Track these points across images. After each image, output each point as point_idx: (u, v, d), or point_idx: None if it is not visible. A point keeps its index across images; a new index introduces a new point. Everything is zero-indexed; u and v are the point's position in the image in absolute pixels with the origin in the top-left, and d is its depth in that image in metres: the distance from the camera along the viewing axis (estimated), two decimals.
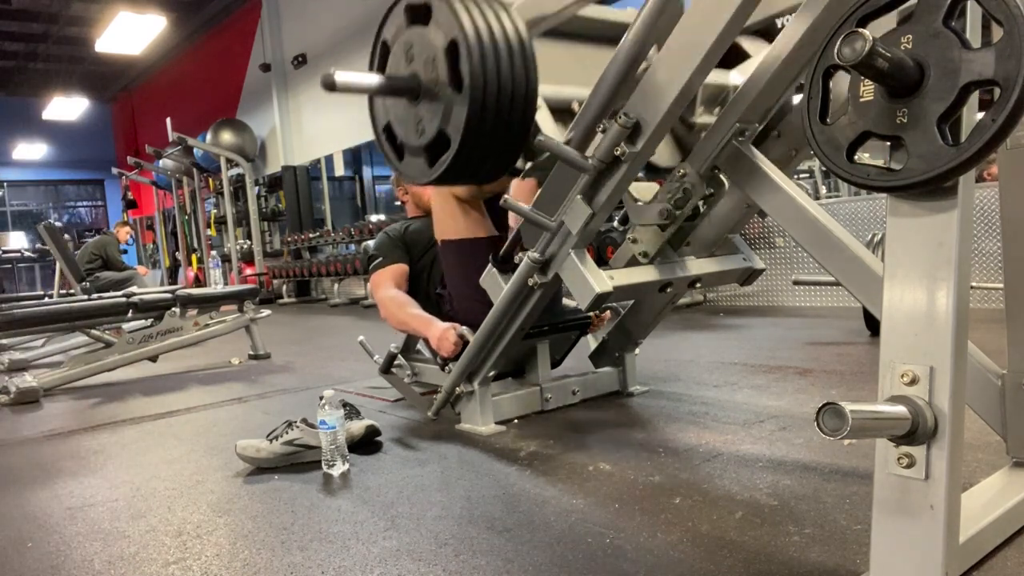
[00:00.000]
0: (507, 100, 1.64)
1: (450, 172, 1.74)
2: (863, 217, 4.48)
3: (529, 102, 1.70)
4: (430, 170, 1.79)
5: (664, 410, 2.29)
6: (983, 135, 0.95)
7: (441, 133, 1.71)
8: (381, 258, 2.54)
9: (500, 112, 1.65)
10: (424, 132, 1.76)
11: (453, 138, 1.69)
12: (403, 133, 1.86)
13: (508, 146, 1.74)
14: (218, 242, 11.21)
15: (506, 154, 1.76)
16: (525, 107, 1.70)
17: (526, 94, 1.67)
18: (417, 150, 1.82)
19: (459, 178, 1.88)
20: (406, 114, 1.82)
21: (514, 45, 1.65)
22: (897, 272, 1.06)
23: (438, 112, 1.70)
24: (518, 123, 1.70)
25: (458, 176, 1.82)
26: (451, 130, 1.69)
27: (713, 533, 1.34)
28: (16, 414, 3.10)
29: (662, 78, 1.54)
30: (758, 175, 1.62)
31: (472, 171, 1.79)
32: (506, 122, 1.68)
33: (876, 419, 0.96)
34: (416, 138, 1.79)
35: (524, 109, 1.70)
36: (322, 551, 1.39)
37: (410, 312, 2.37)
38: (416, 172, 1.85)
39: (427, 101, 1.73)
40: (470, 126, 1.64)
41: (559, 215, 1.77)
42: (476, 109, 1.62)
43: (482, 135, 1.66)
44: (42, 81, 14.45)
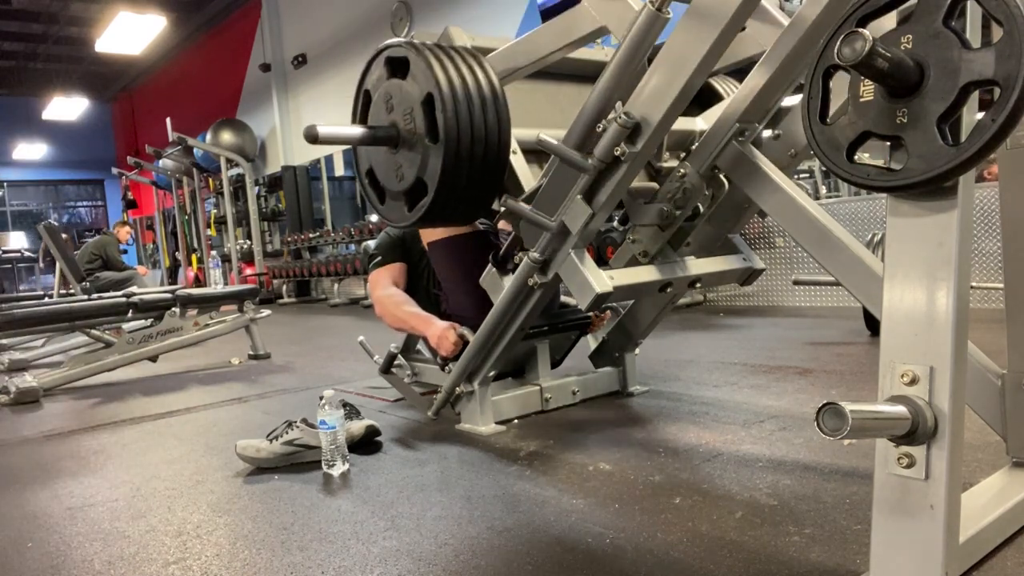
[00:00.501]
0: (481, 149, 1.75)
1: (428, 216, 1.84)
2: (863, 217, 4.48)
3: (502, 149, 1.80)
4: (409, 214, 1.89)
5: (664, 410, 2.29)
6: (983, 135, 0.95)
7: (419, 180, 1.81)
8: (380, 257, 2.54)
9: (474, 160, 1.75)
10: (404, 178, 1.86)
11: (430, 185, 1.78)
12: (384, 178, 1.95)
13: (483, 191, 1.84)
14: (218, 242, 11.20)
15: (481, 198, 1.87)
16: (499, 154, 1.80)
17: (499, 142, 1.79)
18: (397, 195, 1.91)
19: (436, 221, 2.00)
20: (387, 161, 1.91)
21: (487, 97, 1.77)
22: (897, 272, 1.06)
23: (416, 161, 1.80)
24: (492, 169, 1.81)
25: (435, 220, 1.93)
26: (428, 178, 1.78)
27: (713, 533, 1.34)
28: (16, 414, 3.10)
29: (663, 78, 1.54)
30: (758, 175, 1.62)
31: (448, 215, 1.90)
32: (480, 169, 1.78)
33: (876, 419, 0.96)
34: (396, 183, 1.89)
35: (498, 156, 1.80)
36: (322, 551, 1.39)
37: (408, 310, 2.36)
38: (396, 216, 1.95)
39: (406, 150, 1.82)
40: (446, 174, 1.74)
41: (559, 215, 1.77)
42: (451, 158, 1.72)
43: (457, 182, 1.76)
44: (42, 81, 14.45)
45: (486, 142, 1.75)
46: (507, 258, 1.99)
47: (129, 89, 15.70)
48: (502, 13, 6.92)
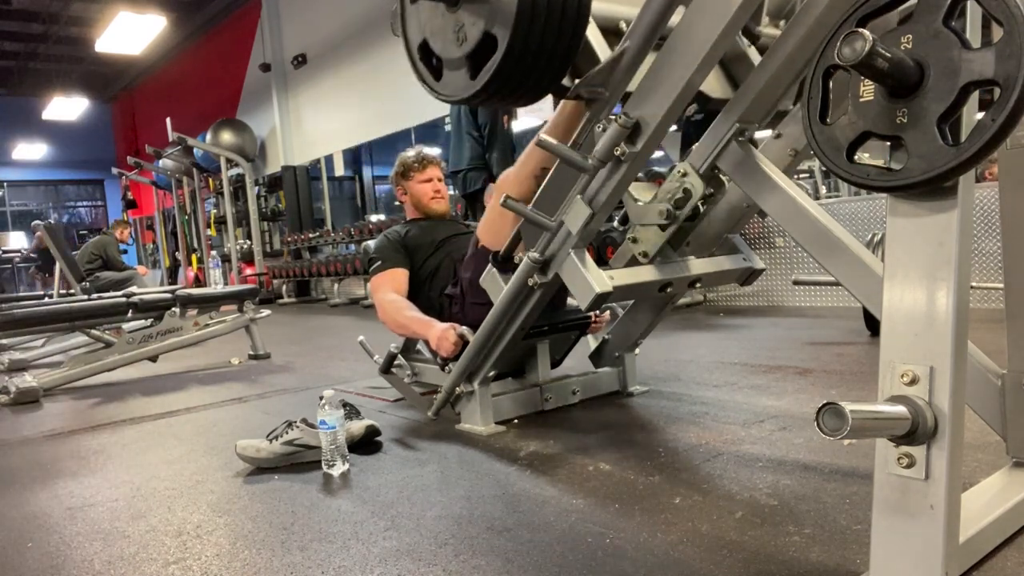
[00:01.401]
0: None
1: (495, 80, 1.60)
2: (863, 217, 4.48)
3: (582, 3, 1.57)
4: (473, 81, 1.64)
5: (664, 410, 2.29)
6: (983, 135, 0.95)
7: (486, 36, 1.58)
8: (381, 261, 2.54)
9: (552, 8, 1.52)
10: (467, 39, 1.62)
11: (500, 38, 1.55)
12: (441, 46, 1.71)
13: (558, 54, 1.60)
14: (218, 242, 11.20)
15: (555, 63, 1.62)
16: (578, 9, 1.57)
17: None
18: (458, 62, 1.68)
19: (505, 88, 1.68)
20: (444, 24, 1.67)
21: None
22: (897, 272, 1.06)
23: (483, 13, 1.57)
24: (570, 27, 1.57)
25: (504, 85, 1.65)
26: (498, 30, 1.55)
27: (713, 533, 1.34)
28: (16, 414, 3.10)
29: (663, 78, 1.54)
30: (758, 175, 1.62)
31: (519, 79, 1.63)
32: (558, 23, 1.54)
33: (876, 419, 0.96)
34: (456, 48, 1.65)
35: (576, 12, 1.57)
36: (322, 551, 1.39)
37: (409, 315, 2.37)
38: (457, 87, 1.70)
39: (469, 3, 1.60)
40: (520, 21, 1.51)
41: (559, 215, 1.77)
42: (527, 3, 1.50)
43: (533, 31, 1.53)
44: (42, 81, 14.44)
45: None
46: (507, 258, 1.99)
47: (129, 89, 15.69)
48: None
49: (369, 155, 11.92)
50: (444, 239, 2.63)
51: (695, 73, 1.49)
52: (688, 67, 1.49)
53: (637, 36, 1.60)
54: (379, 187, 12.63)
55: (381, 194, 12.76)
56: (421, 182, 2.75)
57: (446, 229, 2.70)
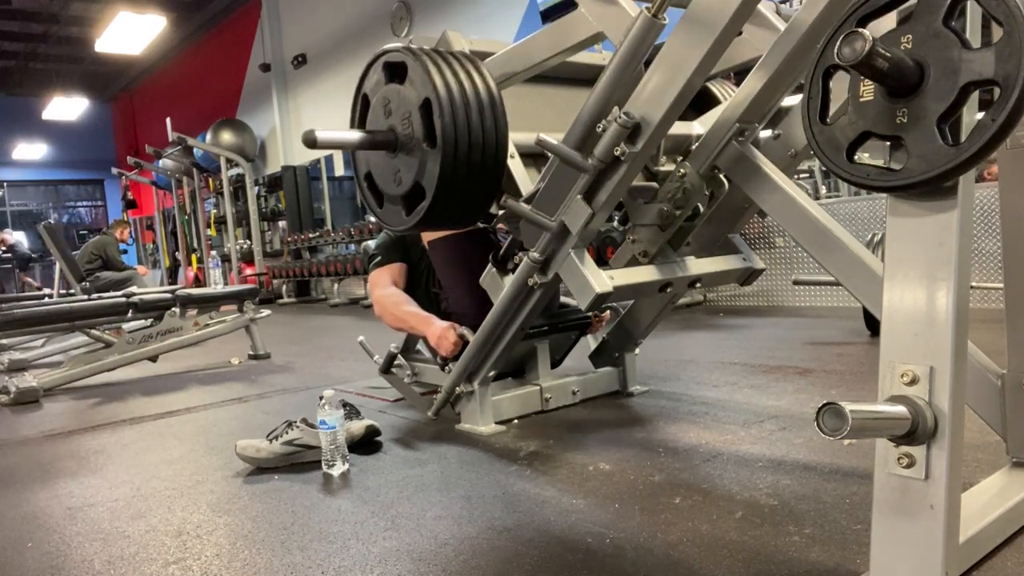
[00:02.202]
0: (478, 153, 1.75)
1: (425, 220, 1.84)
2: (863, 217, 4.48)
3: (500, 153, 1.80)
4: (407, 218, 1.88)
5: (664, 410, 2.29)
6: (983, 135, 0.95)
7: (417, 184, 1.80)
8: (379, 257, 2.54)
9: (472, 165, 1.75)
10: (401, 183, 1.85)
11: (428, 190, 1.77)
12: (382, 182, 1.94)
13: (481, 195, 1.84)
14: (218, 242, 11.20)
15: (479, 202, 1.86)
16: (497, 158, 1.79)
17: (496, 146, 1.79)
18: (395, 199, 1.91)
19: (434, 225, 1.99)
20: (385, 165, 1.90)
21: (485, 101, 1.77)
22: (897, 272, 1.06)
23: (414, 165, 1.79)
24: (490, 173, 1.80)
25: (433, 223, 1.92)
26: (426, 182, 1.78)
27: (713, 533, 1.34)
28: (16, 414, 3.10)
29: (662, 78, 1.54)
30: (758, 175, 1.62)
31: (446, 219, 1.89)
32: (478, 173, 1.77)
33: (876, 419, 0.96)
34: (394, 188, 1.89)
35: (495, 160, 1.79)
36: (322, 551, 1.39)
37: (407, 309, 2.36)
38: (395, 220, 1.95)
39: (404, 154, 1.82)
40: (443, 178, 1.73)
41: (559, 215, 1.77)
42: (449, 163, 1.72)
43: (455, 187, 1.75)
44: (42, 81, 14.44)
45: (484, 147, 1.76)
46: (507, 258, 2.00)
47: (129, 89, 15.69)
48: (502, 13, 6.92)
49: None
50: None
51: (694, 74, 1.49)
52: (688, 68, 1.49)
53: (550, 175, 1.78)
54: None
55: None
56: None
57: None
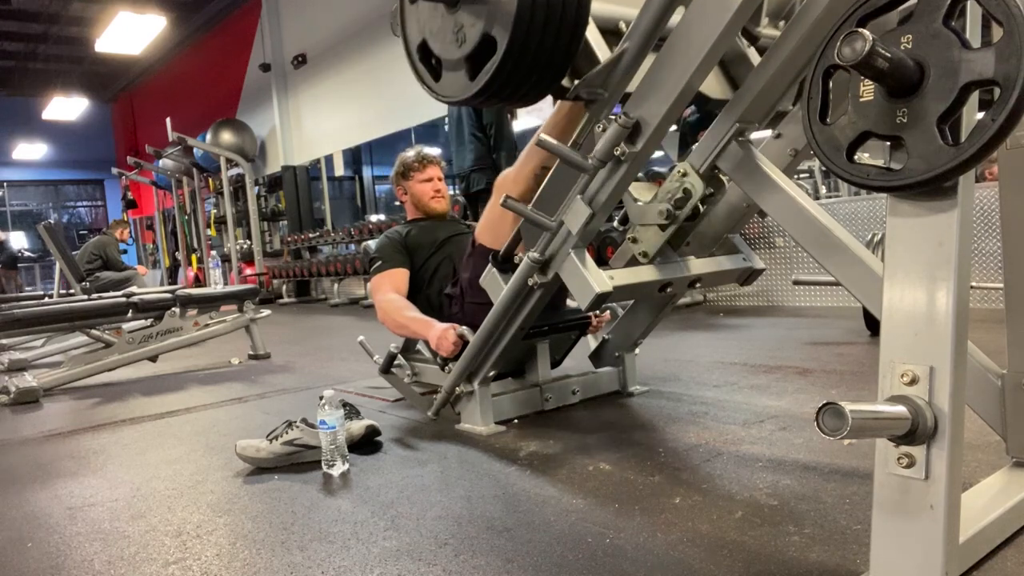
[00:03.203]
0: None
1: (495, 81, 1.60)
2: (863, 217, 4.48)
3: (581, 4, 1.57)
4: (472, 83, 1.64)
5: (664, 410, 2.29)
6: (983, 135, 0.95)
7: (485, 38, 1.58)
8: (381, 261, 2.54)
9: (551, 10, 1.52)
10: (465, 40, 1.62)
11: (500, 39, 1.55)
12: (440, 47, 1.71)
13: (557, 55, 1.60)
14: (218, 242, 11.20)
15: (555, 63, 1.62)
16: (577, 10, 1.57)
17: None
18: (457, 63, 1.68)
19: (504, 89, 1.68)
20: (444, 24, 1.67)
21: None
22: (897, 272, 1.06)
23: (482, 14, 1.57)
24: (569, 28, 1.57)
25: (503, 86, 1.65)
26: (497, 31, 1.55)
27: (713, 533, 1.34)
28: (16, 414, 3.10)
29: (662, 78, 1.54)
30: (758, 175, 1.62)
31: (518, 81, 1.63)
32: (557, 24, 1.54)
33: (876, 419, 0.96)
34: (456, 50, 1.66)
35: (576, 13, 1.57)
36: (322, 551, 1.39)
37: (408, 315, 2.37)
38: (456, 88, 1.70)
39: (468, 4, 1.60)
40: (520, 22, 1.50)
41: (559, 215, 1.77)
42: (527, 4, 1.50)
43: (532, 33, 1.52)
44: (42, 81, 14.44)
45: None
46: (507, 258, 1.99)
47: (129, 89, 15.69)
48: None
49: (369, 155, 11.93)
50: (445, 239, 2.64)
51: (695, 73, 1.49)
52: (688, 67, 1.49)
53: (636, 37, 1.60)
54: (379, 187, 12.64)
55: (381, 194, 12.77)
56: (421, 182, 2.75)
57: (447, 229, 2.70)
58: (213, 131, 10.36)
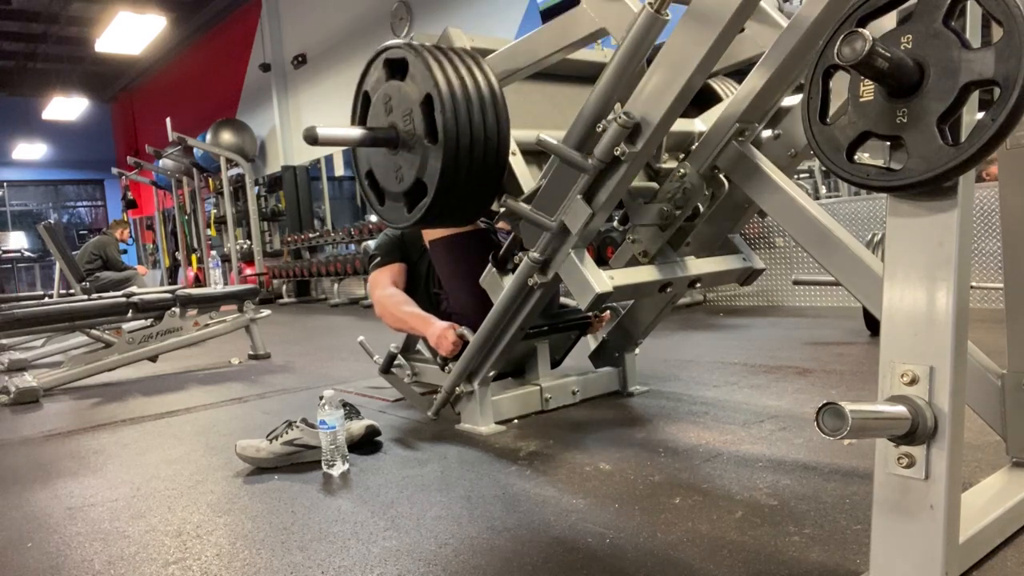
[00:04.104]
0: (480, 149, 1.75)
1: (427, 217, 1.84)
2: (863, 217, 4.48)
3: (502, 150, 1.80)
4: (409, 215, 1.88)
5: (664, 410, 2.29)
6: (983, 135, 0.95)
7: (419, 181, 1.80)
8: (379, 258, 2.54)
9: (474, 161, 1.75)
10: (403, 180, 1.85)
11: (429, 186, 1.77)
12: (384, 179, 1.94)
13: (482, 191, 1.83)
14: (218, 242, 11.20)
15: (481, 199, 1.86)
16: (498, 154, 1.79)
17: (498, 142, 1.79)
18: (397, 196, 1.90)
19: (436, 222, 1.99)
20: (386, 162, 1.90)
21: (486, 97, 1.77)
22: (897, 272, 1.06)
23: (415, 162, 1.79)
24: (492, 170, 1.80)
25: (435, 220, 1.93)
26: (427, 179, 1.77)
27: (713, 533, 1.34)
28: (16, 414, 3.10)
29: (663, 77, 1.54)
30: (758, 175, 1.62)
31: (448, 216, 1.90)
32: (480, 169, 1.77)
33: (876, 419, 0.96)
34: (396, 185, 1.88)
35: (497, 156, 1.79)
36: (322, 551, 1.39)
37: (407, 310, 2.37)
38: (396, 217, 1.95)
39: (405, 151, 1.82)
40: (445, 175, 1.73)
41: (559, 215, 1.77)
42: (450, 159, 1.72)
43: (456, 183, 1.75)
44: (42, 81, 14.43)
45: (485, 143, 1.76)
46: (507, 258, 1.99)
47: (129, 89, 15.69)
48: (502, 13, 6.92)
49: None
50: None
51: (694, 74, 1.49)
52: (687, 68, 1.49)
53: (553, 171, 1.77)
54: None
55: None
56: None
57: None
58: (213, 131, 10.36)
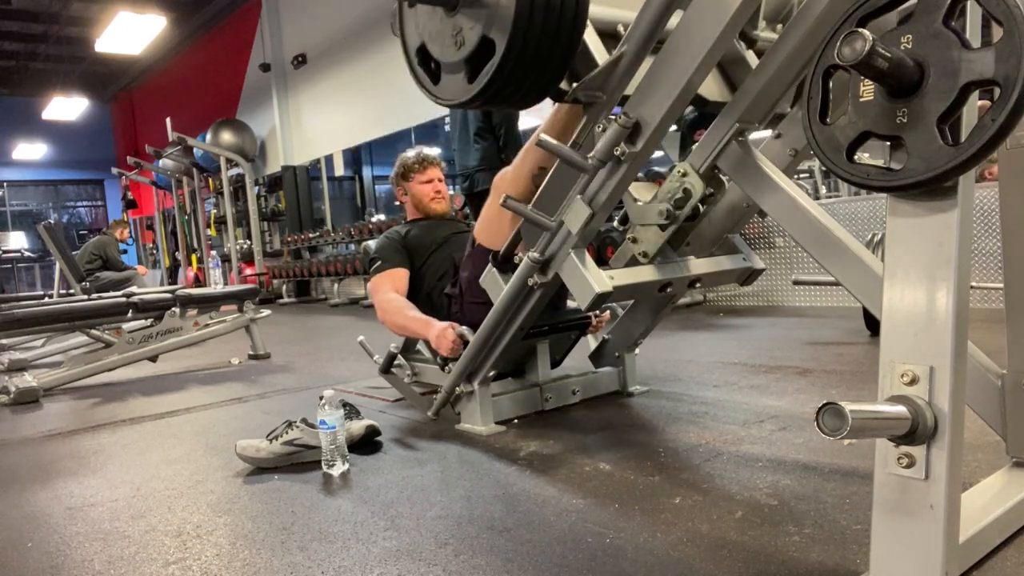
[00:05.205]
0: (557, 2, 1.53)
1: (494, 83, 1.60)
2: (863, 217, 4.48)
3: (579, 6, 1.58)
4: (471, 85, 1.65)
5: (664, 410, 2.29)
6: (983, 135, 0.95)
7: (484, 40, 1.59)
8: (381, 261, 2.54)
9: (550, 11, 1.53)
10: (464, 43, 1.63)
11: (498, 41, 1.55)
12: (439, 50, 1.71)
13: (555, 56, 1.60)
14: (218, 242, 11.20)
15: (553, 66, 1.62)
16: (575, 12, 1.57)
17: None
18: (456, 66, 1.68)
19: (503, 91, 1.68)
20: (443, 27, 1.68)
21: None
22: (897, 272, 1.06)
23: (481, 17, 1.58)
24: (567, 31, 1.57)
25: (502, 89, 1.65)
26: (496, 33, 1.56)
27: (713, 533, 1.34)
28: (16, 414, 3.10)
29: (662, 78, 1.54)
30: (758, 175, 1.62)
31: (517, 83, 1.63)
32: (555, 26, 1.55)
33: (876, 419, 0.96)
34: (455, 52, 1.66)
35: (574, 14, 1.57)
36: (322, 551, 1.39)
37: (408, 315, 2.37)
38: (455, 91, 1.71)
39: (467, 7, 1.61)
40: (518, 24, 1.51)
41: (559, 215, 1.77)
42: (525, 6, 1.50)
43: (530, 37, 1.53)
44: (42, 81, 14.44)
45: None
46: (507, 258, 1.99)
47: (129, 89, 15.68)
48: None
49: (369, 155, 11.91)
50: (445, 239, 2.64)
51: (694, 74, 1.49)
52: (687, 68, 1.49)
53: (634, 40, 1.60)
54: (379, 187, 12.62)
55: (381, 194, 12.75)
56: (422, 183, 2.75)
57: (446, 229, 2.70)
58: (213, 131, 10.36)
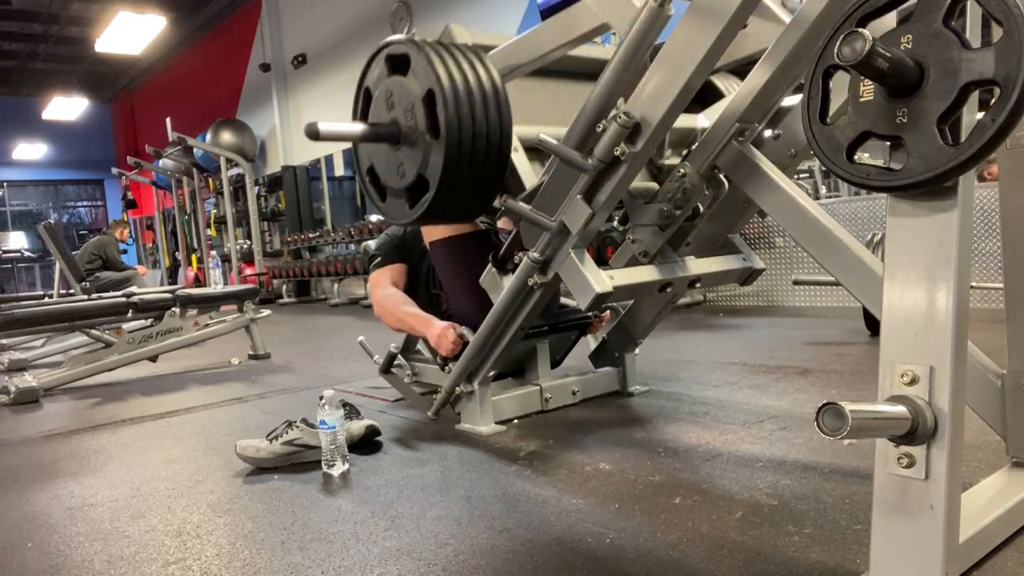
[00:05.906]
0: (482, 145, 1.74)
1: (429, 213, 1.83)
2: (863, 217, 4.48)
3: (504, 145, 1.79)
4: (411, 211, 1.88)
5: (664, 410, 2.29)
6: (983, 135, 0.95)
7: (420, 177, 1.80)
8: (380, 258, 2.54)
9: (476, 156, 1.74)
10: (405, 175, 1.85)
11: (431, 182, 1.77)
12: (385, 176, 1.94)
13: (484, 188, 1.83)
14: (218, 242, 11.20)
15: (482, 195, 1.85)
16: (500, 151, 1.79)
17: (500, 138, 1.78)
18: (399, 192, 1.90)
19: (438, 218, 1.99)
20: (388, 158, 1.90)
21: (488, 93, 1.76)
22: (897, 272, 1.06)
23: (417, 158, 1.79)
24: (493, 166, 1.79)
25: (437, 216, 1.92)
26: (429, 174, 1.77)
27: (713, 533, 1.34)
28: (16, 414, 3.10)
29: (663, 78, 1.54)
30: (758, 175, 1.62)
31: (450, 212, 1.89)
32: (482, 165, 1.77)
33: (876, 419, 0.96)
34: (397, 181, 1.88)
35: (499, 153, 1.79)
36: (322, 551, 1.39)
37: (407, 310, 2.36)
38: (398, 213, 1.94)
39: (407, 147, 1.82)
40: (447, 170, 1.73)
41: (559, 215, 1.77)
42: (452, 154, 1.71)
43: (459, 179, 1.75)
44: (42, 81, 14.44)
45: (487, 138, 1.75)
46: (507, 258, 2.00)
47: (129, 89, 15.69)
48: (502, 13, 6.92)
49: None
50: None
51: (696, 72, 1.49)
52: (687, 68, 1.49)
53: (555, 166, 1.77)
54: None
55: None
56: None
57: None
58: (213, 131, 10.36)
